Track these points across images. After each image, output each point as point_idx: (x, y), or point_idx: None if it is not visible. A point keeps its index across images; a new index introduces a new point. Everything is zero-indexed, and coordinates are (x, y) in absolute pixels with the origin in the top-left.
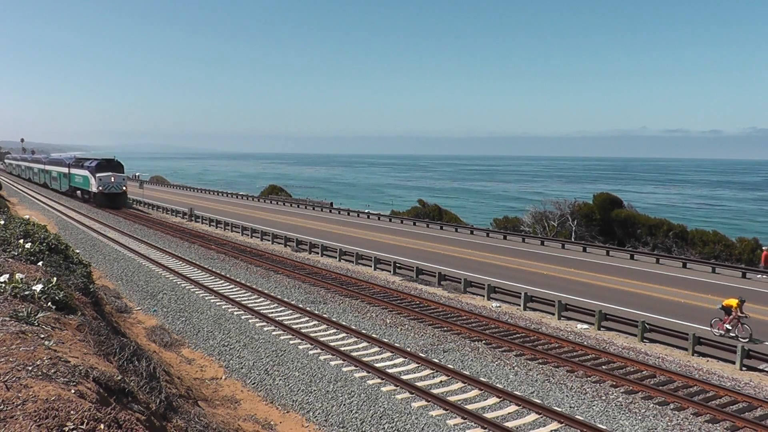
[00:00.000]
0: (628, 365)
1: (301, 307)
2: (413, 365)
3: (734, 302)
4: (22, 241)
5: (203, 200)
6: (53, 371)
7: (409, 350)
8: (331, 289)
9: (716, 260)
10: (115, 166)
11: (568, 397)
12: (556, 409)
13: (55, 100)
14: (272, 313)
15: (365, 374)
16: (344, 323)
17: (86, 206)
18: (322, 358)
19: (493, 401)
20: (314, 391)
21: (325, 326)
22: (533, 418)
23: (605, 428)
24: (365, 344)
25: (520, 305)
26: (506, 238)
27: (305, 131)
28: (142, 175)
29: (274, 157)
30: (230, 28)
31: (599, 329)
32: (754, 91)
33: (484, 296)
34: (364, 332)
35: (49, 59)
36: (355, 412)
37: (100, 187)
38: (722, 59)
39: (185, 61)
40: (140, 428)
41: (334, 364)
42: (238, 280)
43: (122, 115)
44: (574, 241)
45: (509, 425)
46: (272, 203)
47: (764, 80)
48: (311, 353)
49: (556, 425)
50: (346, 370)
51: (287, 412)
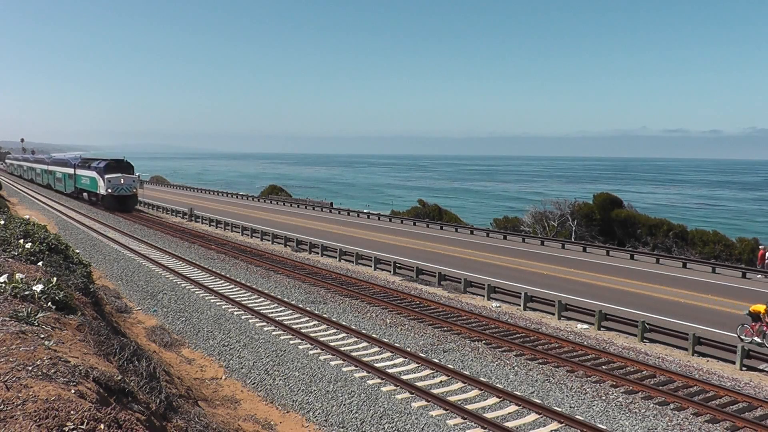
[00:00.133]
0: (628, 365)
1: (301, 307)
2: (413, 365)
3: (762, 308)
4: (22, 241)
5: (203, 200)
6: (53, 371)
7: (409, 350)
8: (331, 289)
9: (716, 260)
10: (124, 167)
11: (568, 397)
12: (556, 409)
13: (55, 100)
14: (272, 313)
15: (365, 374)
16: (344, 323)
17: (86, 206)
18: (322, 358)
19: (493, 401)
20: (314, 391)
21: (325, 326)
22: (533, 418)
23: (605, 428)
24: (365, 344)
25: (520, 305)
26: (506, 238)
27: (305, 131)
28: (142, 175)
29: (273, 157)
30: (230, 28)
31: (599, 329)
32: (754, 91)
33: (484, 296)
34: (364, 332)
35: (49, 59)
36: (355, 412)
37: (109, 189)
38: (722, 59)
39: (185, 61)
40: (140, 428)
41: (334, 364)
42: (238, 280)
43: (122, 115)
44: (574, 241)
45: (509, 425)
46: (272, 203)
47: (764, 80)
48: (311, 353)
49: (556, 425)
50: (346, 370)
51: (287, 412)
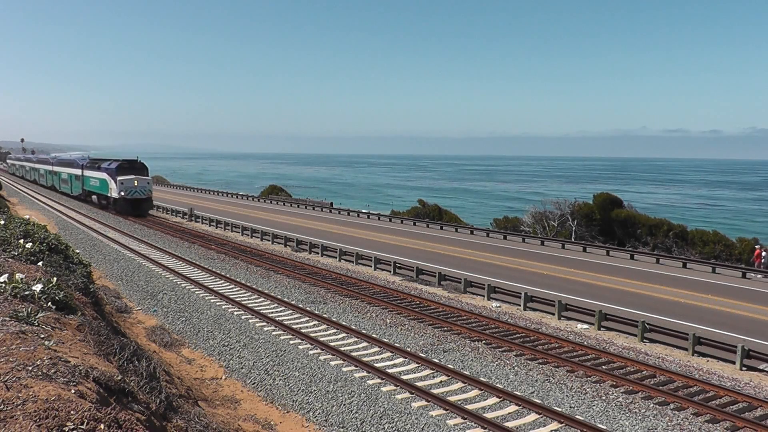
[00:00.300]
0: (628, 365)
1: (301, 307)
2: (413, 365)
3: None
4: (22, 241)
5: (203, 200)
6: (53, 371)
7: (409, 350)
8: (331, 289)
9: (716, 260)
10: (138, 168)
11: (568, 397)
12: (556, 409)
13: (55, 100)
14: (272, 313)
15: (365, 374)
16: (344, 323)
17: (86, 206)
18: (322, 358)
19: (493, 401)
20: (314, 391)
21: (325, 326)
22: (533, 418)
23: (605, 428)
24: (365, 344)
25: (520, 305)
26: (506, 238)
27: (305, 131)
28: None
29: (273, 157)
30: (230, 28)
31: (599, 329)
32: (754, 91)
33: (484, 296)
34: (364, 332)
35: (49, 59)
36: (355, 412)
37: (122, 192)
38: (722, 59)
39: (185, 61)
40: (140, 428)
41: (334, 364)
42: (238, 280)
43: (122, 115)
44: (574, 241)
45: (509, 425)
46: (272, 203)
47: (764, 80)
48: (311, 353)
49: (556, 425)
50: (346, 370)
51: (287, 412)
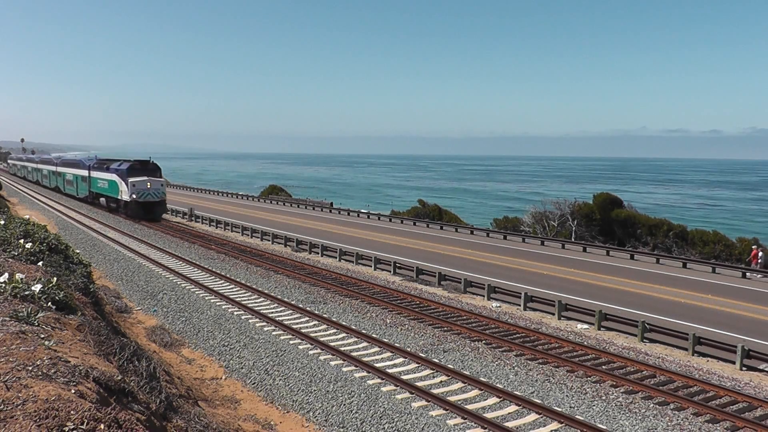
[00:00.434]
0: (628, 365)
1: (301, 307)
2: (413, 365)
3: None
4: (22, 241)
5: (203, 200)
6: (53, 371)
7: (409, 350)
8: (331, 289)
9: (716, 260)
10: (151, 169)
11: (568, 397)
12: (556, 409)
13: (55, 100)
14: (272, 313)
15: (365, 374)
16: (344, 323)
17: (87, 206)
18: (322, 358)
19: (493, 401)
20: (314, 391)
21: (325, 326)
22: (533, 418)
23: (605, 428)
24: (365, 344)
25: (520, 305)
26: (506, 238)
27: (305, 131)
28: None
29: (273, 157)
30: (231, 28)
31: (599, 329)
32: (754, 91)
33: (484, 296)
34: (364, 332)
35: (49, 59)
36: (355, 412)
37: (133, 194)
38: (722, 59)
39: (185, 61)
40: (140, 428)
41: (334, 364)
42: (238, 280)
43: (122, 115)
44: (574, 241)
45: (509, 425)
46: (272, 203)
47: (764, 80)
48: (311, 353)
49: (556, 425)
50: (346, 370)
51: (287, 412)
